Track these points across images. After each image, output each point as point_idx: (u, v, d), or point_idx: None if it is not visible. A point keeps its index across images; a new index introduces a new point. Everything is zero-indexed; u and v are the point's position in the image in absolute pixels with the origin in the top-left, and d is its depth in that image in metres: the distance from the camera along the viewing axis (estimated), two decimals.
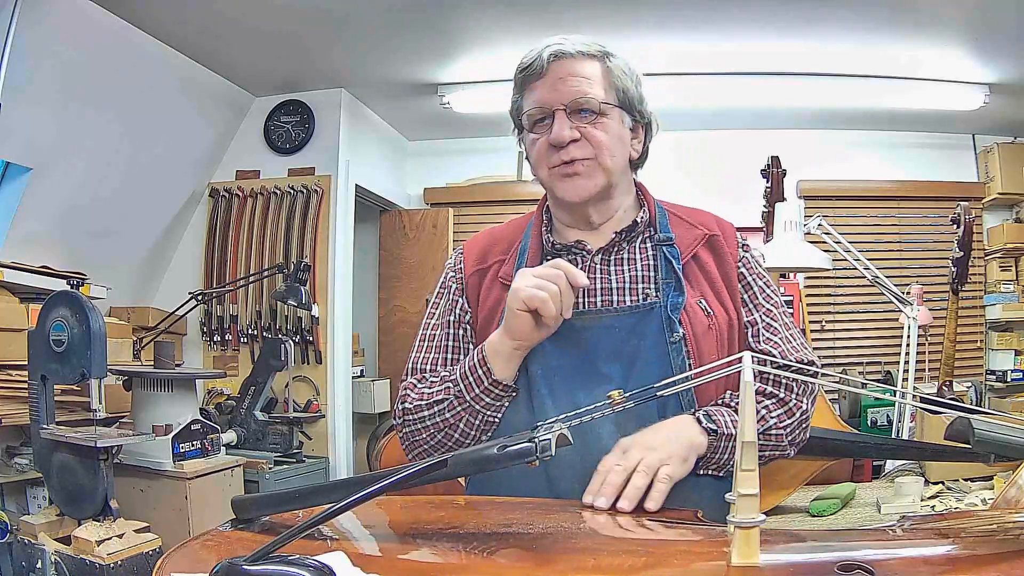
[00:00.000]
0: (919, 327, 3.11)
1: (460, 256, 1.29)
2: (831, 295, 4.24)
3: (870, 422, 3.22)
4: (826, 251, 3.24)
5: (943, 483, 2.15)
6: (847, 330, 4.25)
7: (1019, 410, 3.82)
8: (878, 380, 3.95)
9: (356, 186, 4.06)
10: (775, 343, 1.15)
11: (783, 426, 1.12)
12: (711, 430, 1.04)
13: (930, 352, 3.39)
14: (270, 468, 3.24)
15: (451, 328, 1.23)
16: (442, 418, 1.12)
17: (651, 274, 1.14)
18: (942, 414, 2.18)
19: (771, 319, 1.16)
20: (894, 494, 2.07)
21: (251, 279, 3.83)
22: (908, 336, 3.10)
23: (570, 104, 1.11)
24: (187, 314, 3.51)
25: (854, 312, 4.28)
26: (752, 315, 1.16)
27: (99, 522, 2.37)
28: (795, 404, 1.13)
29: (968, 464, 2.05)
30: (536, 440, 0.76)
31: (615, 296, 1.13)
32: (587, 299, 1.14)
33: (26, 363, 2.54)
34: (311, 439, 3.65)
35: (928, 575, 0.68)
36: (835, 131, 4.40)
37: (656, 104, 1.21)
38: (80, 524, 2.39)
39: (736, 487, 0.66)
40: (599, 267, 1.16)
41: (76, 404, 2.89)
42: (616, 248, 1.17)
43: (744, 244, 1.21)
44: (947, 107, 3.88)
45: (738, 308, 1.15)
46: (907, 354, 3.09)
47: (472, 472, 0.78)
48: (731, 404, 1.11)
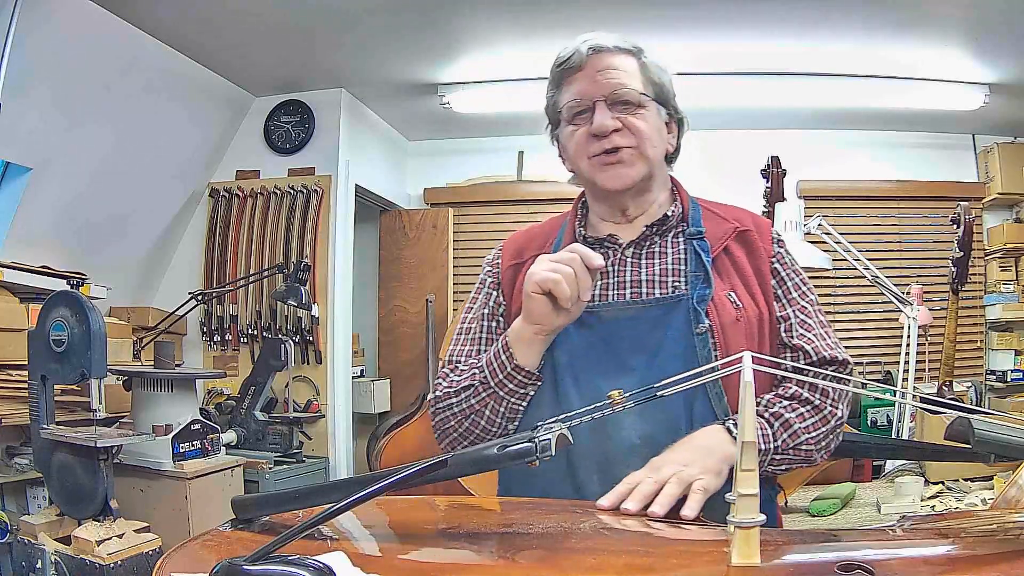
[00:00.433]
0: (919, 327, 3.11)
1: (499, 252, 1.30)
2: (831, 295, 4.23)
3: (870, 422, 3.23)
4: (826, 251, 3.25)
5: (943, 483, 2.15)
6: (847, 330, 4.25)
7: (1019, 410, 3.82)
8: (878, 380, 3.96)
9: (356, 186, 4.06)
10: (808, 339, 1.15)
11: (816, 434, 1.10)
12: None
13: (930, 352, 3.39)
14: (270, 468, 3.23)
15: (485, 320, 1.25)
16: (468, 404, 1.14)
17: (681, 267, 1.15)
18: (942, 414, 2.18)
19: (805, 315, 1.16)
20: (894, 494, 2.07)
21: (251, 279, 3.83)
22: (908, 336, 3.10)
23: (610, 95, 1.13)
24: (187, 314, 3.51)
25: (854, 312, 4.28)
26: (785, 310, 1.16)
27: (99, 522, 2.37)
28: (830, 411, 1.11)
29: (968, 464, 2.06)
30: (536, 440, 0.76)
31: (644, 288, 1.15)
32: (616, 291, 1.15)
33: (26, 363, 2.54)
34: (311, 439, 3.65)
35: (928, 575, 0.68)
36: (835, 131, 4.39)
37: None
38: (80, 524, 2.39)
39: (736, 487, 0.66)
40: (630, 260, 1.17)
41: (76, 404, 2.89)
42: (648, 241, 1.18)
43: (779, 240, 1.21)
44: (947, 107, 3.88)
45: (770, 302, 1.15)
46: (907, 354, 3.09)
47: (472, 472, 0.78)
48: (764, 415, 1.09)
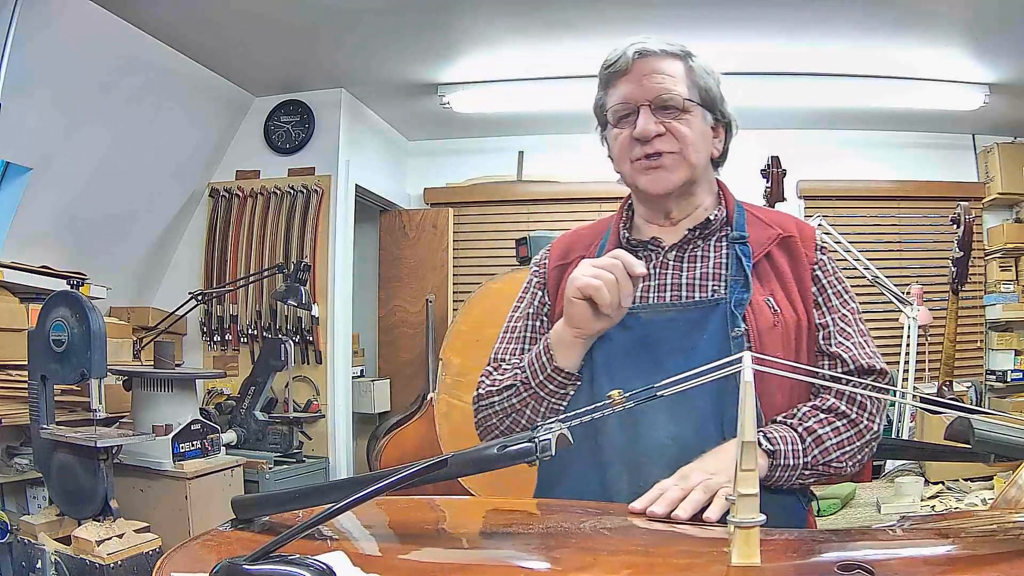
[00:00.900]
0: (919, 327, 3.11)
1: (547, 252, 1.32)
2: None
3: None
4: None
5: (943, 483, 2.15)
6: None
7: (1019, 410, 3.82)
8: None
9: (356, 186, 4.06)
10: (846, 347, 1.14)
11: (849, 449, 1.09)
12: (769, 451, 1.04)
13: (930, 352, 3.39)
14: (270, 468, 3.23)
15: (530, 320, 1.27)
16: (509, 403, 1.16)
17: (722, 271, 1.15)
18: (942, 414, 2.18)
19: (845, 323, 1.16)
20: (894, 494, 2.07)
21: (251, 279, 3.83)
22: (908, 336, 3.10)
23: (655, 100, 1.13)
24: (187, 314, 3.51)
25: None
26: (825, 317, 1.16)
27: (99, 522, 2.37)
28: (866, 424, 1.10)
29: (968, 464, 2.06)
30: (536, 440, 0.76)
31: (684, 291, 1.15)
32: (656, 293, 1.16)
33: (26, 363, 2.54)
34: (311, 439, 3.65)
35: (928, 575, 0.68)
36: (835, 131, 4.39)
37: None
38: (80, 524, 2.39)
39: (736, 487, 0.66)
40: (671, 263, 1.18)
41: (76, 404, 2.89)
42: (690, 245, 1.19)
43: (822, 247, 1.21)
44: (947, 107, 3.88)
45: (809, 310, 1.15)
46: (907, 354, 3.09)
47: (472, 472, 0.78)
48: (798, 428, 1.08)
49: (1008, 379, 4.12)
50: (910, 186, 4.39)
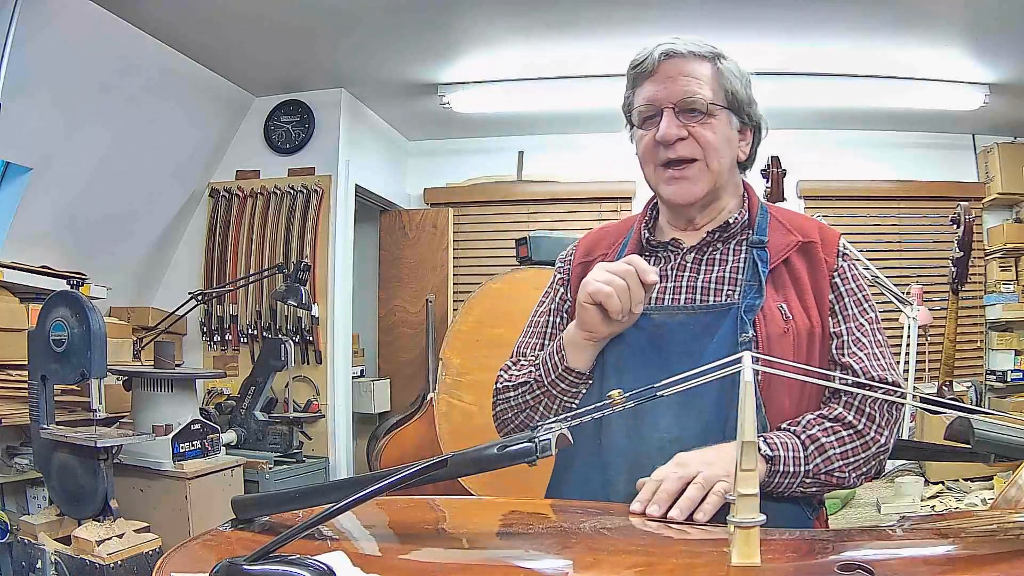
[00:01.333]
0: (919, 327, 3.11)
1: (572, 249, 1.32)
2: None
3: None
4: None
5: (943, 483, 2.15)
6: None
7: (1019, 410, 3.82)
8: None
9: (356, 186, 4.06)
10: (858, 358, 1.11)
11: (853, 460, 1.07)
12: (768, 456, 1.04)
13: (930, 352, 3.39)
14: (270, 468, 3.23)
15: (551, 316, 1.28)
16: (524, 399, 1.18)
17: (738, 276, 1.15)
18: (942, 414, 2.18)
19: (860, 333, 1.14)
20: (894, 494, 2.07)
21: (251, 279, 3.83)
22: (908, 336, 3.10)
23: (678, 103, 1.13)
24: (187, 314, 3.51)
25: None
26: (840, 326, 1.14)
27: (99, 522, 2.37)
28: (873, 437, 1.08)
29: (968, 464, 2.06)
30: (536, 440, 0.76)
31: (699, 295, 1.15)
32: (671, 295, 1.16)
33: (26, 363, 2.54)
34: (311, 439, 3.65)
35: (928, 575, 0.68)
36: (835, 131, 4.39)
37: None
38: (80, 524, 2.39)
39: (736, 487, 0.66)
40: (690, 265, 1.18)
41: (76, 404, 2.88)
42: (710, 247, 1.18)
43: (844, 254, 1.19)
44: (947, 107, 3.87)
45: (825, 317, 1.13)
46: (907, 354, 3.09)
47: (472, 472, 0.78)
48: (800, 436, 1.06)
49: (1008, 379, 4.12)
50: (910, 186, 4.39)
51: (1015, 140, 4.31)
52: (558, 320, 1.27)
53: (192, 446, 2.80)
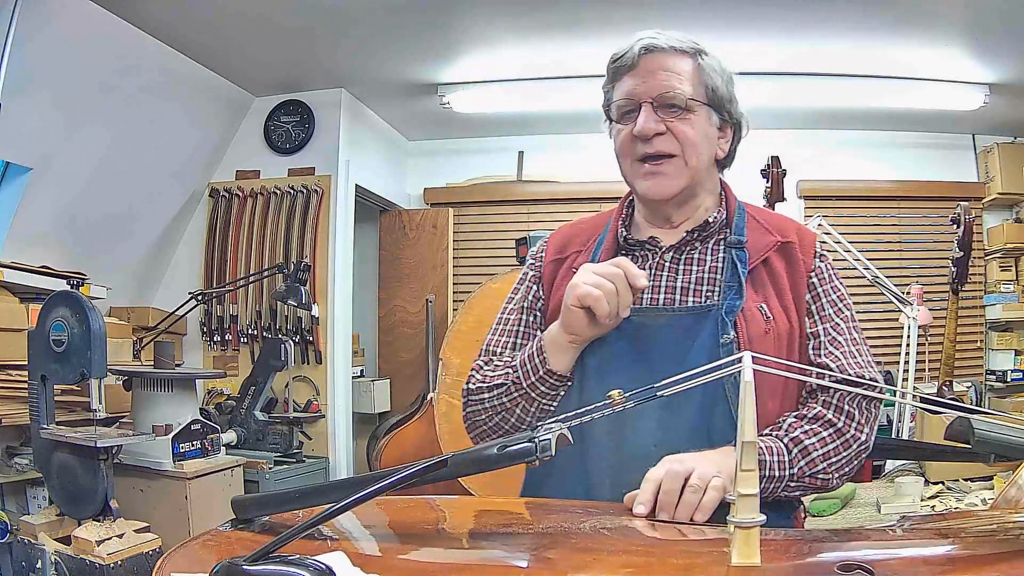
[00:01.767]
0: (919, 327, 3.11)
1: (543, 245, 1.29)
2: None
3: None
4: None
5: (943, 483, 2.15)
6: None
7: (1019, 410, 3.82)
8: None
9: (356, 186, 4.06)
10: (835, 357, 1.11)
11: (836, 460, 1.07)
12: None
13: (930, 352, 3.39)
14: (270, 468, 3.23)
15: (524, 314, 1.25)
16: (499, 402, 1.15)
17: (717, 276, 1.14)
18: (942, 414, 2.18)
19: (837, 332, 1.13)
20: (894, 494, 2.07)
21: (251, 279, 3.83)
22: (908, 336, 3.10)
23: (657, 98, 1.11)
24: (187, 314, 3.51)
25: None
26: (816, 326, 1.14)
27: (99, 522, 2.37)
28: (853, 434, 1.08)
29: (968, 464, 2.06)
30: (536, 440, 0.76)
31: (678, 295, 1.14)
32: (650, 296, 1.14)
33: (26, 363, 2.54)
34: (311, 439, 3.65)
35: (928, 575, 0.68)
36: (835, 131, 4.39)
37: None
38: (80, 524, 2.39)
39: (736, 487, 0.66)
40: (668, 265, 1.16)
41: (76, 404, 2.88)
42: (688, 247, 1.17)
43: (821, 255, 1.19)
44: (947, 107, 3.87)
45: (802, 318, 1.13)
46: (907, 354, 3.09)
47: (472, 472, 0.78)
48: (784, 439, 1.07)
49: (1008, 379, 4.12)
50: (910, 186, 4.39)
51: (1015, 140, 4.31)
52: (531, 319, 1.24)
53: (192, 446, 2.80)
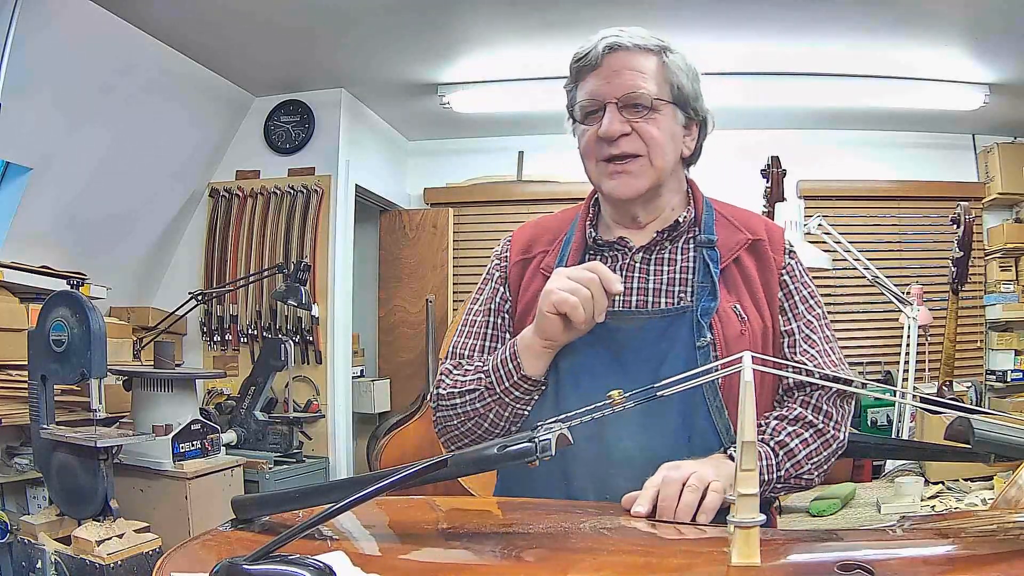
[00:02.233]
0: (919, 327, 3.11)
1: (507, 244, 1.27)
2: (831, 295, 4.23)
3: (870, 422, 3.22)
4: (826, 251, 3.25)
5: (943, 483, 2.15)
6: (847, 330, 4.25)
7: (1019, 410, 3.81)
8: (878, 380, 3.95)
9: (356, 186, 4.06)
10: (811, 355, 1.11)
11: (817, 459, 1.08)
12: None
13: (930, 352, 3.39)
14: (270, 468, 3.23)
15: (491, 316, 1.23)
16: (472, 407, 1.12)
17: (688, 277, 1.12)
18: (942, 414, 2.18)
19: (810, 330, 1.13)
20: (894, 494, 2.07)
21: (251, 279, 3.83)
22: (908, 336, 3.10)
23: (622, 98, 1.10)
24: (187, 314, 3.51)
25: (854, 312, 4.27)
26: (790, 324, 1.14)
27: (99, 522, 2.37)
28: (833, 434, 1.09)
29: (968, 464, 2.06)
30: (536, 440, 0.76)
31: (651, 297, 1.12)
32: (623, 298, 1.12)
33: (26, 363, 2.54)
34: (311, 439, 3.65)
35: (928, 575, 0.68)
36: (835, 131, 4.39)
37: None
38: (80, 524, 2.39)
39: (736, 487, 0.66)
40: (639, 266, 1.15)
41: (76, 404, 2.88)
42: (658, 247, 1.16)
43: (791, 251, 1.18)
44: (947, 107, 3.87)
45: (775, 316, 1.13)
46: (907, 354, 3.09)
47: (472, 472, 0.78)
48: (769, 443, 1.07)
49: (1008, 379, 4.12)
50: (910, 186, 4.39)
51: (1015, 140, 4.31)
52: (499, 321, 1.22)
53: (192, 446, 2.80)
